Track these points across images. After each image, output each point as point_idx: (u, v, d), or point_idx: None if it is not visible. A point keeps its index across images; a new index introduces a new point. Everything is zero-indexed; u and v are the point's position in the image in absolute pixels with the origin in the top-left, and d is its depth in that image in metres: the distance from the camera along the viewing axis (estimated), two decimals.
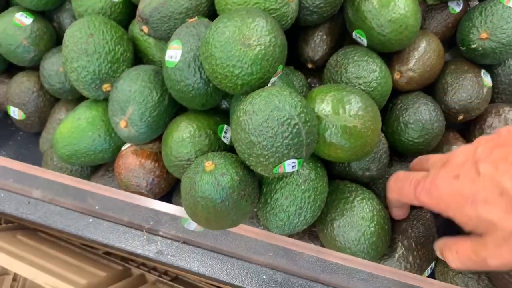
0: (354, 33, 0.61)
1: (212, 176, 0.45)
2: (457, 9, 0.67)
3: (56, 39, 0.73)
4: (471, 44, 0.62)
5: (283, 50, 0.47)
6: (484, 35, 0.60)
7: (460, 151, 0.45)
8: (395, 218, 0.57)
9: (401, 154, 0.64)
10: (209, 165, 0.46)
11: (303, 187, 0.50)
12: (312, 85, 0.68)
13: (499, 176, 0.40)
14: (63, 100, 0.72)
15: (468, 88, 0.62)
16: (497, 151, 0.42)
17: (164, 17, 0.56)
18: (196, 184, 0.46)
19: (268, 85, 0.48)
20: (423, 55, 0.61)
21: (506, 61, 0.67)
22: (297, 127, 0.44)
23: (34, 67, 0.73)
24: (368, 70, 0.57)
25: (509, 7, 0.60)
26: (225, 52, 0.45)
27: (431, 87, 0.66)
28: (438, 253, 0.49)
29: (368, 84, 0.57)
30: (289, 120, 0.43)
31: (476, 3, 0.71)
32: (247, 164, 0.47)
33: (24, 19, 0.69)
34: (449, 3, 0.67)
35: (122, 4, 0.65)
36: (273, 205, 0.51)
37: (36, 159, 0.75)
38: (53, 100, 0.74)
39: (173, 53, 0.52)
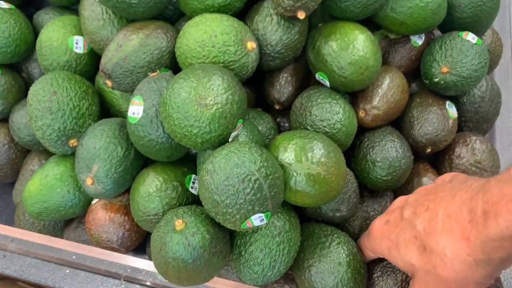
0: (316, 75, 0.61)
1: (183, 236, 0.45)
2: (419, 41, 0.68)
3: (25, 90, 0.73)
4: (433, 78, 0.63)
5: (242, 105, 0.48)
6: (445, 69, 0.61)
7: (397, 200, 0.49)
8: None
9: (373, 190, 0.64)
10: (179, 224, 0.46)
11: (277, 239, 0.50)
12: (282, 124, 0.69)
13: (415, 219, 0.43)
14: (35, 151, 0.72)
15: (434, 121, 0.63)
16: (421, 198, 0.44)
17: (127, 72, 0.56)
18: (167, 244, 0.45)
19: (230, 139, 0.48)
20: (387, 92, 0.62)
21: (471, 91, 0.68)
22: (258, 182, 0.44)
23: (4, 120, 0.73)
24: (332, 112, 0.58)
25: (467, 40, 0.62)
26: (182, 113, 0.45)
27: (398, 121, 0.66)
28: None
29: (332, 126, 0.57)
30: (249, 176, 0.44)
31: (439, 32, 0.73)
32: (216, 221, 0.47)
33: None
34: (411, 37, 0.68)
35: (87, 55, 0.65)
36: (247, 257, 0.51)
37: (12, 210, 0.74)
38: (25, 150, 0.73)
39: (135, 109, 0.52)
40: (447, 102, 0.65)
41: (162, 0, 0.57)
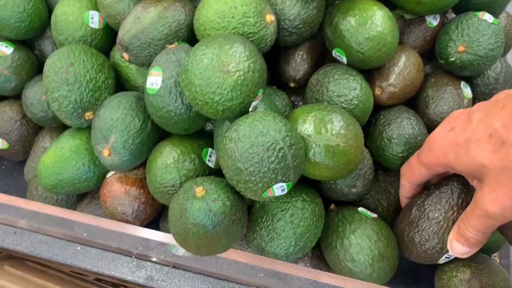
0: (333, 52, 0.61)
1: (204, 202, 0.45)
2: (435, 22, 0.68)
3: (37, 67, 0.73)
4: (450, 57, 0.63)
5: (263, 74, 0.48)
6: (461, 48, 0.61)
7: (455, 112, 0.49)
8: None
9: (387, 168, 0.64)
10: (199, 191, 0.46)
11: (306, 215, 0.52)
12: (296, 103, 0.69)
13: (489, 119, 0.43)
14: (47, 128, 0.72)
15: (449, 100, 0.63)
16: (490, 104, 0.45)
17: (144, 44, 0.56)
18: (187, 210, 0.45)
19: (250, 109, 0.48)
20: (403, 70, 0.62)
21: (485, 72, 0.68)
22: (282, 151, 0.44)
23: (17, 96, 0.72)
24: (349, 88, 0.58)
25: (484, 19, 0.62)
26: (204, 80, 0.45)
27: (413, 101, 0.66)
28: (454, 245, 0.50)
29: (349, 102, 0.57)
30: (274, 145, 0.44)
31: (453, 15, 0.73)
32: (237, 190, 0.47)
33: (4, 49, 0.68)
34: (426, 17, 0.68)
35: (102, 31, 0.65)
36: (271, 231, 0.51)
37: (22, 188, 0.74)
38: (36, 128, 0.73)
39: (154, 80, 0.52)
40: (462, 83, 0.65)
41: None
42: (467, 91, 0.64)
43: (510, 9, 0.80)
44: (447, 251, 0.51)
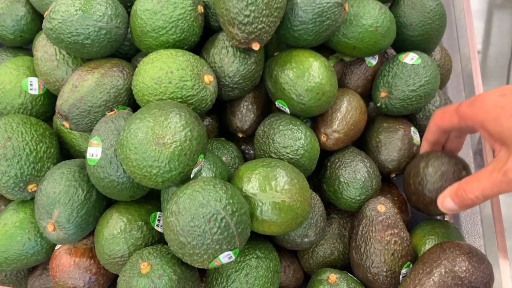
0: (276, 103, 0.62)
1: (149, 280, 0.45)
2: (374, 62, 0.70)
3: None
4: (377, 103, 0.66)
5: (201, 140, 0.48)
6: (383, 94, 0.65)
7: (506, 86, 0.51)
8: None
9: (341, 209, 0.65)
10: (144, 267, 0.45)
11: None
12: (246, 151, 0.69)
13: None
14: None
15: (400, 147, 0.64)
16: None
17: (84, 112, 0.55)
18: None
19: (192, 176, 0.48)
20: (346, 115, 0.63)
21: (426, 106, 0.71)
22: (224, 220, 0.44)
23: None
24: (294, 138, 0.58)
25: (404, 62, 0.64)
26: (140, 154, 0.44)
27: (364, 143, 0.68)
28: (446, 201, 0.53)
29: (295, 152, 0.58)
30: (215, 216, 0.43)
31: (392, 51, 0.76)
32: (184, 261, 0.47)
33: None
34: (365, 58, 0.70)
35: (43, 96, 0.64)
36: None
37: None
38: None
39: (94, 151, 0.51)
40: (412, 129, 0.67)
41: (117, 39, 0.56)
42: (416, 138, 0.67)
43: (444, 42, 0.84)
44: None
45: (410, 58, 0.65)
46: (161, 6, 0.54)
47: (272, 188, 0.49)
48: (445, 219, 0.72)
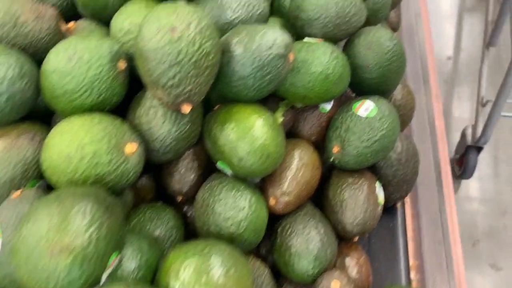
0: (217, 164, 0.55)
1: None
2: (328, 107, 0.64)
3: None
4: (330, 158, 0.60)
5: (113, 237, 0.40)
6: (335, 149, 0.58)
7: None
8: None
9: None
10: None
11: None
12: (188, 214, 0.62)
13: None
14: None
15: (365, 207, 0.58)
16: None
17: None
18: None
19: (103, 279, 0.40)
20: (296, 173, 0.56)
21: None
22: None
23: None
24: (236, 208, 0.51)
25: (357, 115, 0.58)
26: (32, 265, 0.36)
27: (323, 198, 0.62)
28: None
29: (238, 225, 0.51)
30: None
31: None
32: None
33: None
34: (319, 104, 0.63)
35: None
36: None
37: None
38: None
39: None
40: (377, 186, 0.61)
41: (23, 103, 0.48)
42: (381, 196, 0.61)
43: (409, 75, 0.78)
44: None
45: (365, 108, 0.58)
46: (72, 66, 0.46)
47: (204, 284, 0.42)
48: (411, 272, 0.67)
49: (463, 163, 1.70)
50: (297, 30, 0.62)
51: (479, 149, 1.66)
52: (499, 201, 1.83)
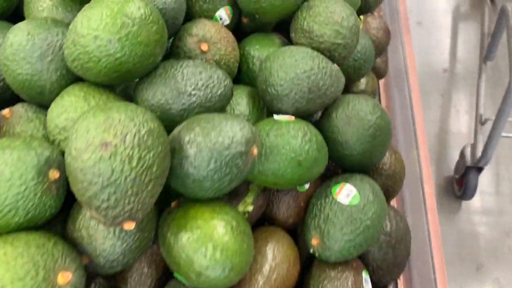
0: (174, 274, 0.48)
1: None
2: (306, 185, 0.57)
3: None
4: (310, 249, 0.53)
5: None
6: (314, 241, 0.51)
7: None
8: None
9: None
10: None
11: None
12: None
13: None
14: None
15: None
16: None
17: None
18: None
19: None
20: (269, 275, 0.49)
21: None
22: None
23: None
24: None
25: (338, 202, 0.51)
26: None
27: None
28: None
29: None
30: None
31: None
32: None
33: None
34: None
35: None
36: None
37: None
38: None
39: None
40: (364, 277, 0.54)
41: None
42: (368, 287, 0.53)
43: (400, 141, 0.71)
44: None
45: (346, 194, 0.51)
46: None
47: None
48: None
49: (463, 183, 1.63)
50: (266, 104, 0.55)
51: (479, 169, 1.59)
52: (503, 221, 1.76)
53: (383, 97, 0.79)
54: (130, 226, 0.40)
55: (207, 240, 0.44)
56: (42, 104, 0.51)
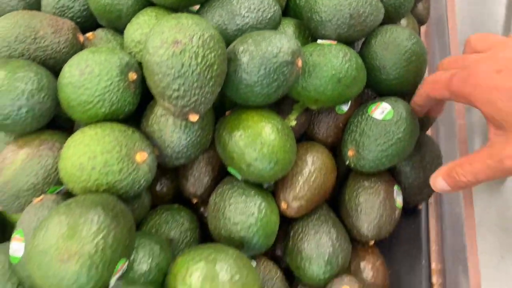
0: (228, 169, 0.56)
1: None
2: (345, 108, 0.63)
3: None
4: (346, 160, 0.59)
5: (121, 244, 0.42)
6: (350, 152, 0.57)
7: (506, 47, 0.46)
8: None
9: None
10: None
11: None
12: (205, 215, 0.63)
13: None
14: None
15: (381, 213, 0.57)
16: None
17: (12, 196, 0.50)
18: None
19: (112, 284, 0.43)
20: (308, 178, 0.56)
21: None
22: None
23: None
24: (246, 214, 0.52)
25: (373, 117, 0.56)
26: (44, 271, 0.39)
27: (339, 199, 0.62)
28: (438, 181, 0.51)
29: (247, 229, 0.52)
30: None
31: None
32: None
33: None
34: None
35: None
36: None
37: None
38: None
39: (16, 246, 0.47)
40: (395, 189, 0.60)
41: (43, 114, 0.51)
42: (399, 200, 0.60)
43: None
44: None
45: (381, 111, 0.57)
46: (84, 79, 0.48)
47: None
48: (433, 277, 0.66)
49: None
50: (311, 32, 0.61)
51: None
52: None
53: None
54: (194, 118, 0.48)
55: (256, 137, 0.51)
56: (119, 29, 0.60)
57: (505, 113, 0.44)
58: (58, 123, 0.58)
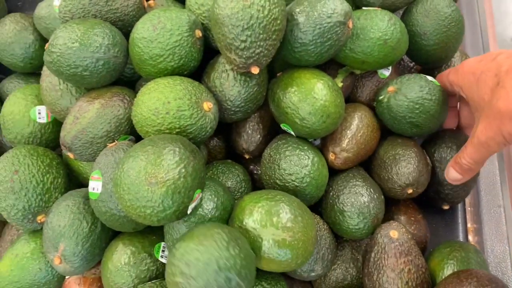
0: (281, 126, 0.60)
1: None
2: (387, 73, 0.67)
3: None
4: (379, 96, 0.62)
5: (197, 175, 0.47)
6: (391, 88, 0.60)
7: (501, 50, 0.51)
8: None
9: None
10: None
11: None
12: (255, 171, 0.67)
13: (504, 61, 0.47)
14: None
15: (419, 161, 0.60)
16: None
17: (86, 143, 0.55)
18: None
19: (189, 212, 0.47)
20: (356, 133, 0.60)
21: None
22: (237, 284, 0.42)
23: None
24: (300, 165, 0.56)
25: (424, 76, 0.60)
26: (133, 194, 0.44)
27: (373, 159, 0.65)
28: (450, 171, 0.57)
29: (301, 180, 0.56)
30: (229, 280, 0.42)
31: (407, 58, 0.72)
32: None
33: None
34: (378, 70, 0.66)
35: (52, 124, 0.65)
36: None
37: None
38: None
39: (95, 185, 0.51)
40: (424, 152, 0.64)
41: (116, 68, 0.56)
42: (429, 160, 0.63)
43: (468, 44, 0.79)
44: None
45: (431, 78, 0.61)
46: (157, 34, 0.53)
47: (274, 225, 0.48)
48: (469, 235, 0.69)
49: None
50: (355, 1, 0.66)
51: None
52: None
53: None
54: (256, 70, 0.53)
55: (309, 92, 0.56)
56: None
57: (476, 95, 0.50)
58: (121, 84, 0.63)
